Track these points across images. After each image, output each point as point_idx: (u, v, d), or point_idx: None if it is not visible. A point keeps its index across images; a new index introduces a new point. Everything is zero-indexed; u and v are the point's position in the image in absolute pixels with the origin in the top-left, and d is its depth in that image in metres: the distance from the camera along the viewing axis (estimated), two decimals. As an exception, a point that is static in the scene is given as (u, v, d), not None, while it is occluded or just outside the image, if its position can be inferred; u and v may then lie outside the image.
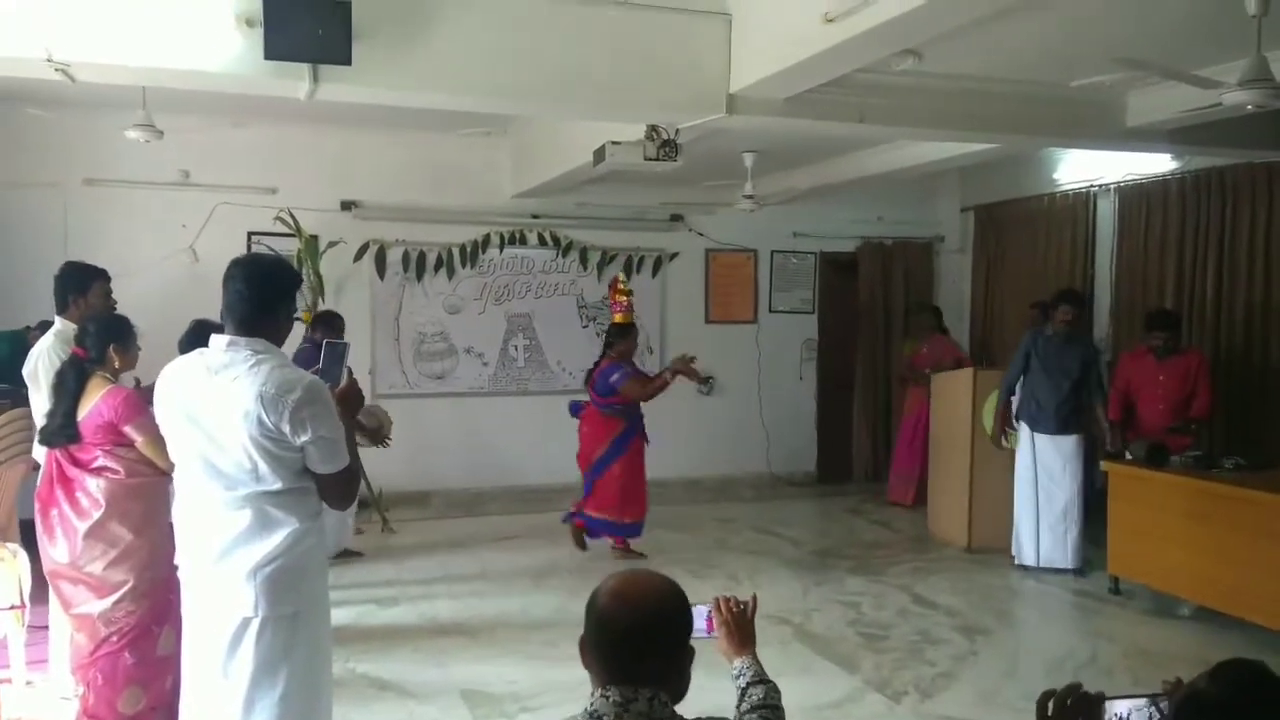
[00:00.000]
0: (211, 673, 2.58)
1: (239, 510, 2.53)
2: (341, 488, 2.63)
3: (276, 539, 2.53)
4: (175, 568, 2.72)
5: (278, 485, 2.52)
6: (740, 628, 2.08)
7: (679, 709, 1.68)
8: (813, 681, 4.59)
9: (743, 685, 2.00)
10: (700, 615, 1.98)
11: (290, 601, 2.56)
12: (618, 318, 6.81)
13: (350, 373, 2.87)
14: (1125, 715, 1.62)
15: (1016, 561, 6.49)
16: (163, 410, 2.63)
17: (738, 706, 1.99)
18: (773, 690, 1.97)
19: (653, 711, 1.58)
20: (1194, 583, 5.37)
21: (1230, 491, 5.17)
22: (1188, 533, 5.35)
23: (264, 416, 2.43)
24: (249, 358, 2.51)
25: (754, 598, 2.16)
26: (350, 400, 2.76)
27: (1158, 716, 1.58)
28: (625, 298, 6.84)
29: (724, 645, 2.07)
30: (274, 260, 2.75)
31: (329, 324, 6.20)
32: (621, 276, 7.28)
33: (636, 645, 1.61)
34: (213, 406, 2.50)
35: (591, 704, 1.61)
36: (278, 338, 2.62)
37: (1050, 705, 1.66)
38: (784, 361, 9.58)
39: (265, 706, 2.56)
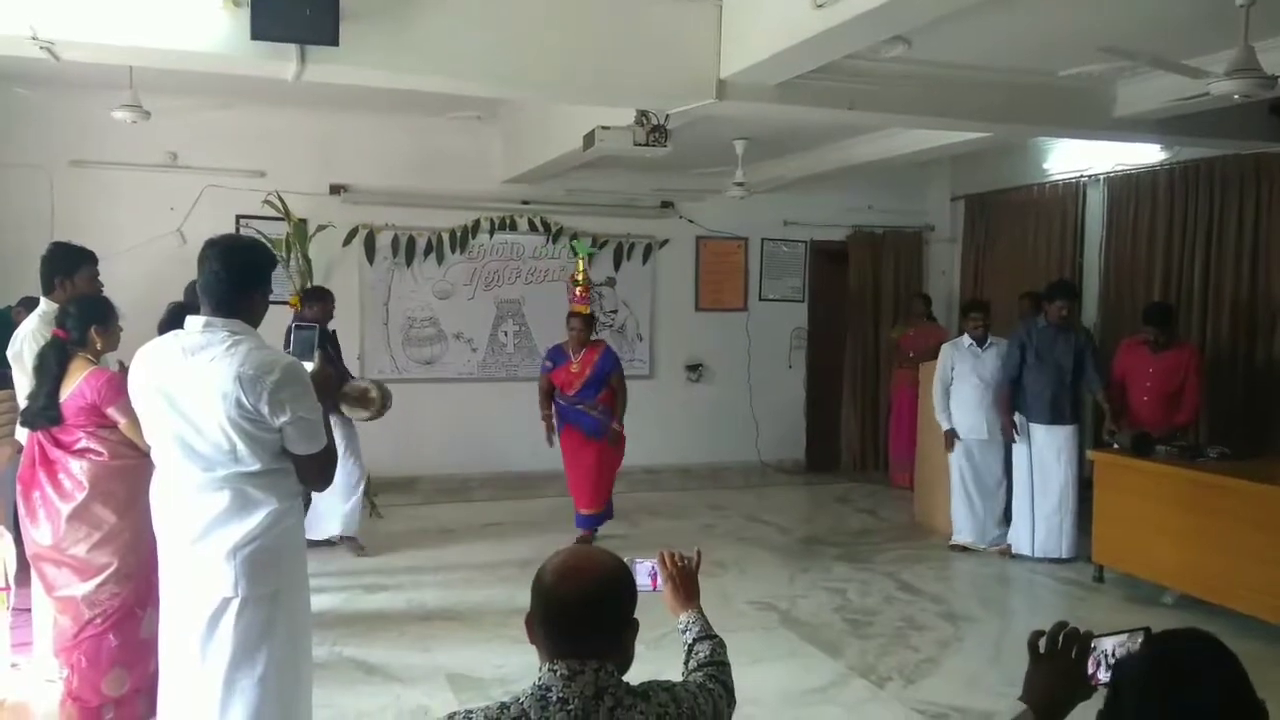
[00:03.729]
0: (190, 654, 2.58)
1: (217, 491, 2.52)
2: (319, 468, 2.64)
3: (256, 519, 2.53)
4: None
5: (256, 466, 2.51)
6: (685, 582, 2.08)
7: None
8: (798, 667, 4.62)
9: (689, 641, 2.01)
10: (644, 571, 2.01)
11: (270, 581, 2.56)
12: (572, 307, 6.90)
13: (321, 357, 2.85)
14: (1110, 650, 1.66)
15: (1014, 550, 6.52)
16: (138, 392, 2.62)
17: (685, 664, 2.00)
18: (719, 645, 1.99)
19: (599, 681, 1.60)
20: (1178, 571, 5.41)
21: (1215, 480, 5.20)
22: (1172, 521, 5.38)
23: (243, 397, 2.43)
24: (226, 339, 2.50)
25: (698, 552, 2.16)
26: (322, 384, 2.76)
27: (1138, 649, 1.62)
28: (577, 288, 6.88)
29: (669, 600, 2.08)
30: (250, 241, 2.74)
31: (320, 299, 6.17)
32: (579, 264, 7.30)
33: (582, 619, 1.63)
34: (190, 388, 2.49)
35: (540, 678, 1.62)
36: (254, 319, 2.62)
37: (1042, 643, 1.68)
38: (774, 350, 9.59)
39: (245, 687, 2.56)
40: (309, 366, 2.75)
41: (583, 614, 1.63)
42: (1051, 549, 6.38)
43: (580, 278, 7.07)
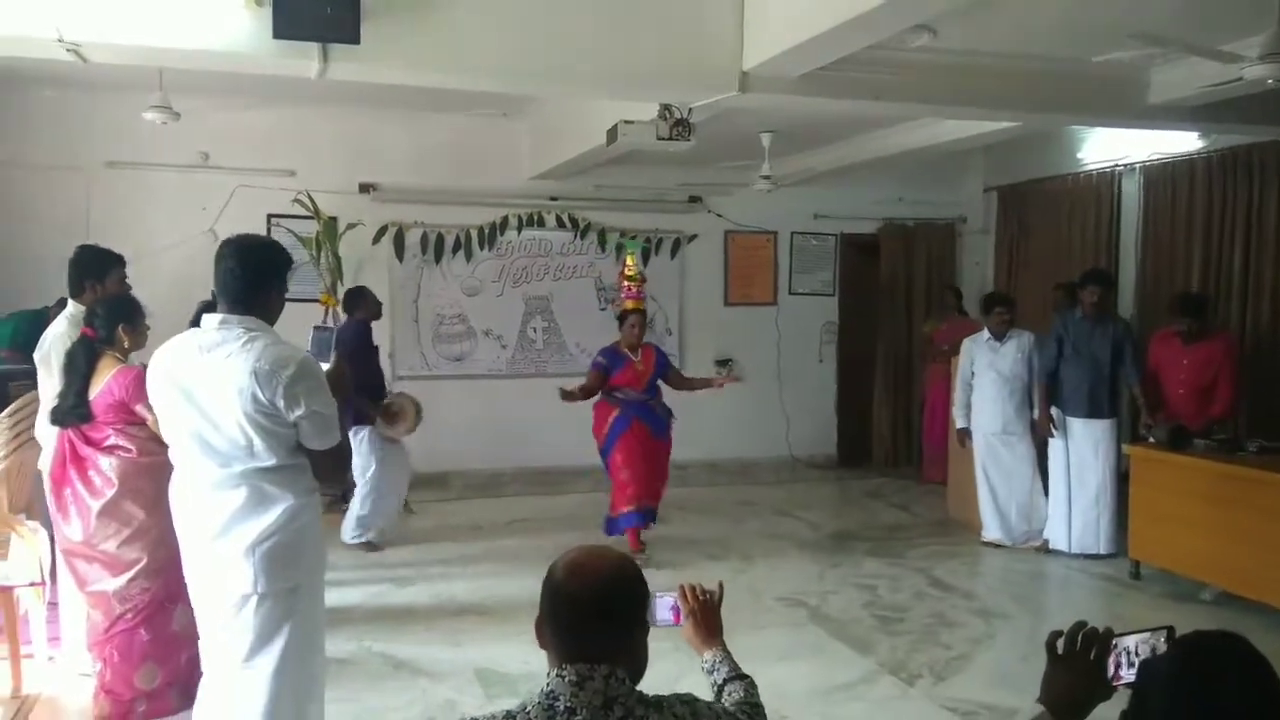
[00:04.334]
0: (212, 647, 2.62)
1: (235, 488, 2.55)
2: (334, 463, 2.68)
3: (273, 515, 2.56)
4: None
5: (272, 461, 2.54)
6: (707, 617, 1.98)
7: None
8: (826, 663, 4.58)
9: (719, 681, 1.92)
10: (666, 605, 1.92)
11: (288, 577, 2.59)
12: (627, 304, 6.74)
13: (338, 356, 2.88)
14: (1133, 648, 1.62)
15: (1051, 546, 6.42)
16: (156, 389, 2.65)
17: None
18: (751, 686, 1.90)
19: (609, 689, 1.55)
20: (1216, 567, 5.30)
21: (1254, 475, 5.08)
22: (1210, 516, 5.27)
23: (258, 392, 2.45)
24: (241, 335, 2.53)
25: (720, 585, 2.06)
26: (337, 383, 2.78)
27: (1164, 649, 1.57)
28: (633, 284, 6.79)
29: (690, 636, 1.98)
30: (265, 240, 2.78)
31: (360, 298, 6.28)
32: (630, 261, 7.19)
33: (591, 615, 1.59)
34: (206, 384, 2.52)
35: (548, 684, 1.58)
36: (270, 316, 2.65)
37: (1060, 643, 1.65)
38: (804, 344, 9.52)
39: (261, 678, 2.60)
40: (325, 366, 2.77)
41: (592, 610, 1.60)
42: (1089, 544, 6.27)
43: (632, 272, 6.96)
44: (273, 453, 2.54)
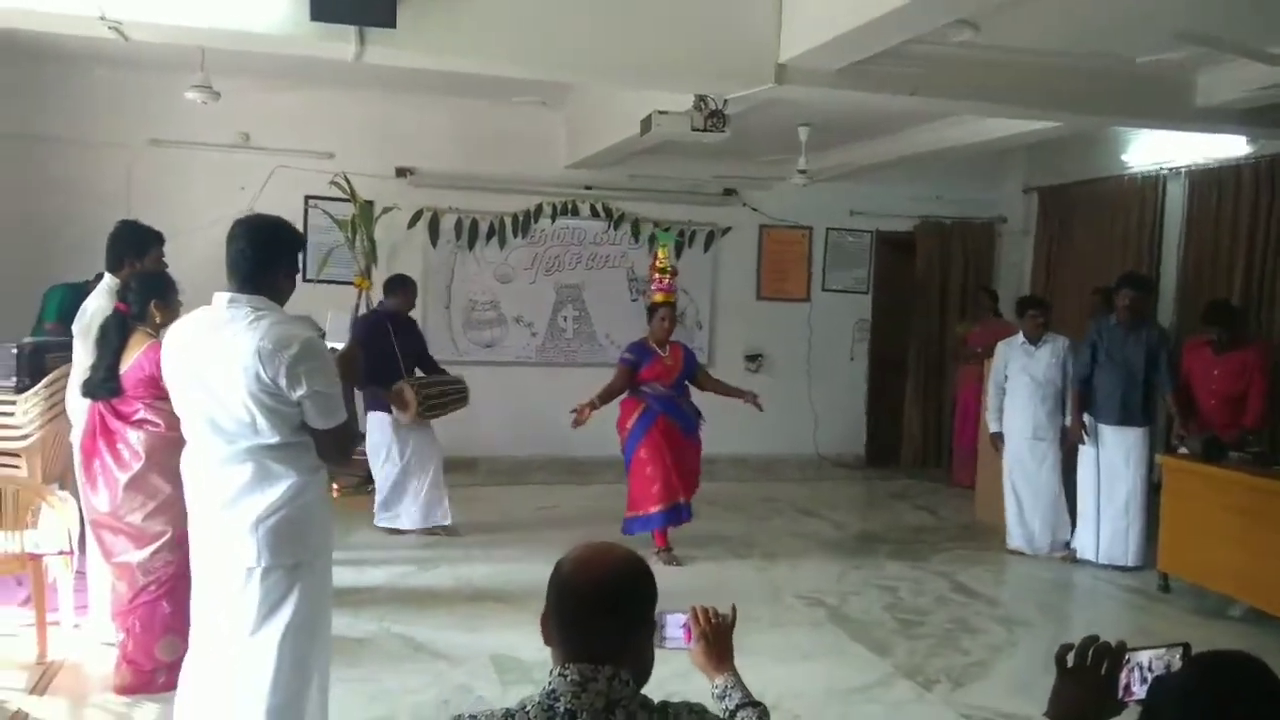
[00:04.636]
0: (214, 619, 2.66)
1: (241, 464, 2.59)
2: (337, 443, 2.69)
3: (277, 491, 2.59)
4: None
5: (275, 439, 2.58)
6: (719, 641, 1.92)
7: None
8: (842, 664, 4.54)
9: (730, 708, 1.87)
10: (676, 623, 1.89)
11: (292, 553, 2.63)
12: (657, 297, 6.56)
13: (353, 338, 2.92)
14: (1147, 664, 1.58)
15: (1078, 555, 6.33)
16: (169, 366, 2.70)
17: None
18: (764, 715, 1.87)
19: (612, 691, 1.53)
20: (1246, 583, 5.18)
21: (1290, 489, 4.97)
22: (1243, 531, 5.16)
23: (261, 371, 2.49)
24: (249, 314, 2.57)
25: (734, 609, 1.99)
26: (349, 364, 2.81)
27: (1179, 665, 1.54)
28: (665, 276, 6.65)
29: (701, 660, 1.92)
30: (276, 220, 2.80)
31: (400, 288, 6.26)
32: (661, 253, 7.08)
33: (597, 609, 1.57)
34: (214, 362, 2.56)
35: (550, 683, 1.56)
36: (279, 295, 2.67)
37: (1070, 657, 1.62)
38: (836, 341, 9.46)
39: (265, 650, 2.64)
40: (339, 346, 2.80)
41: (598, 604, 1.58)
42: (1117, 555, 6.16)
43: (664, 264, 6.79)
44: (276, 430, 2.57)
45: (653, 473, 5.98)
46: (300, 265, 2.80)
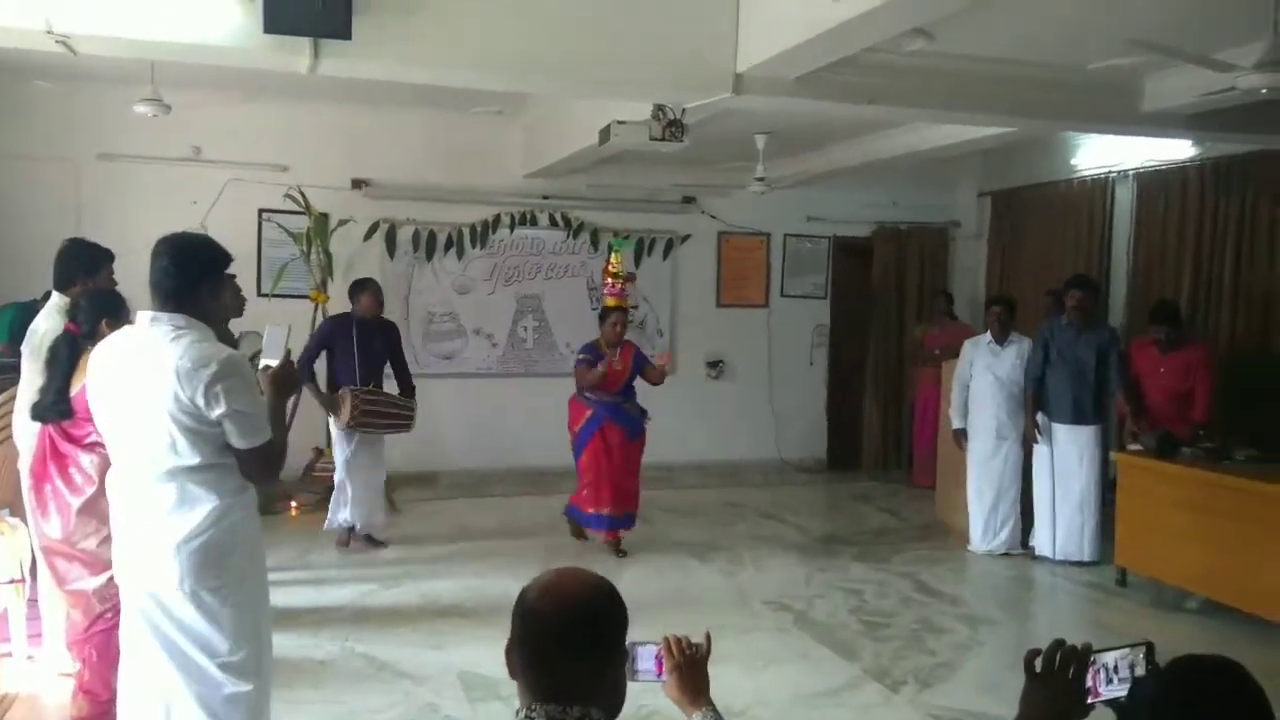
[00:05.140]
0: (143, 643, 2.63)
1: (163, 485, 2.57)
2: (262, 463, 2.63)
3: (199, 515, 2.56)
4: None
5: (196, 460, 2.54)
6: (694, 672, 1.82)
7: None
8: (810, 669, 4.56)
9: None
10: (649, 654, 1.81)
11: (214, 576, 2.60)
12: (609, 302, 6.68)
13: (288, 354, 2.86)
14: (1112, 665, 1.60)
15: (1036, 553, 6.42)
16: (93, 387, 2.68)
17: None
18: None
19: None
20: (1202, 576, 5.29)
21: (1241, 484, 5.08)
22: (1196, 525, 5.27)
23: (180, 390, 2.47)
24: (170, 333, 2.53)
25: (708, 637, 1.89)
26: (281, 381, 2.76)
27: (1143, 665, 1.56)
28: (617, 281, 6.73)
29: (675, 693, 1.82)
30: (201, 239, 2.76)
31: (364, 289, 6.30)
32: (615, 258, 7.09)
33: (565, 639, 1.51)
34: (136, 382, 2.54)
35: None
36: (202, 313, 2.62)
37: (1038, 662, 1.63)
38: (795, 346, 9.51)
39: (193, 678, 2.61)
40: (273, 362, 2.75)
41: (565, 633, 1.51)
42: (1073, 551, 6.27)
43: (616, 269, 6.83)
44: (198, 451, 2.53)
45: (593, 479, 6.29)
46: (221, 284, 2.72)
